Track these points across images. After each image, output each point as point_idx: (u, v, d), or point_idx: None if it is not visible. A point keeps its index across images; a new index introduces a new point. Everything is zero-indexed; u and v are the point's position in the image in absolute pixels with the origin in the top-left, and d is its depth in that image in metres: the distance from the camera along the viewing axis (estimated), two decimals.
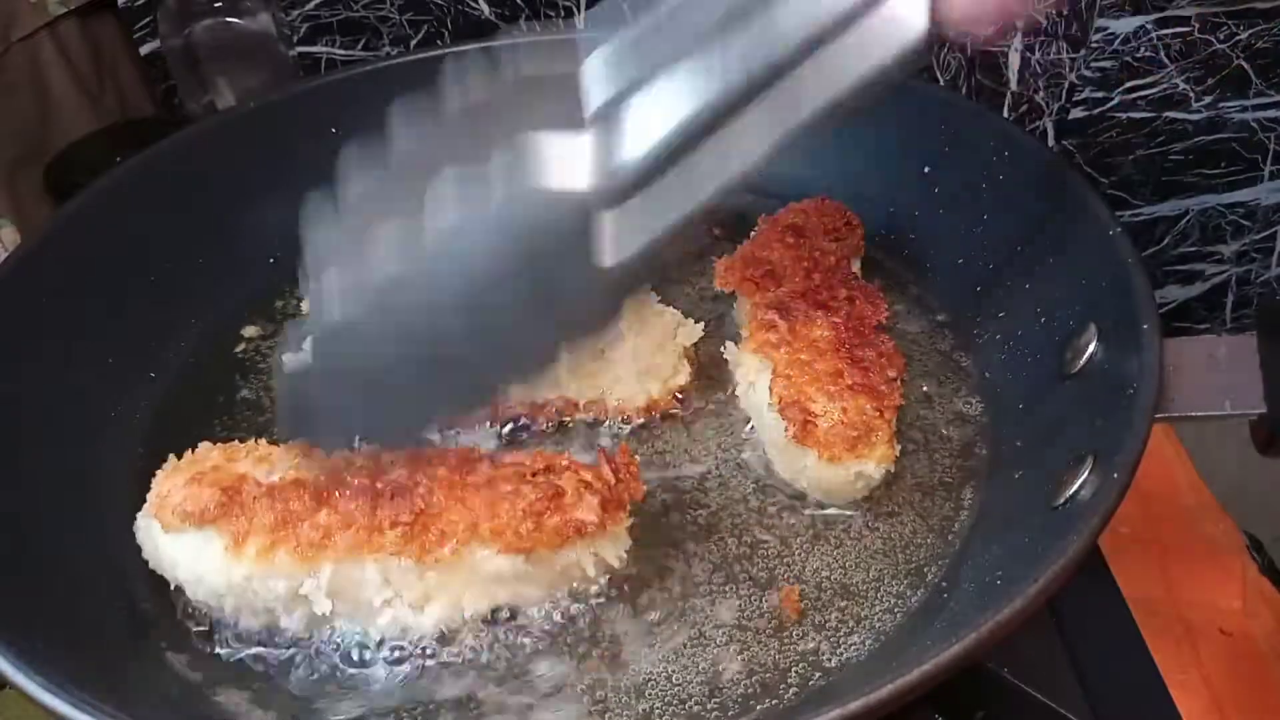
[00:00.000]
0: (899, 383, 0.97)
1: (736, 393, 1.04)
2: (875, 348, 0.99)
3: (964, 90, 1.48)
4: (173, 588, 0.89)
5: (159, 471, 0.90)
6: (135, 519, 0.90)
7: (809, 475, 0.94)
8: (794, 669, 0.84)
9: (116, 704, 0.72)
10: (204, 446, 0.91)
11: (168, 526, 0.85)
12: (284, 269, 1.22)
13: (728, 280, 1.09)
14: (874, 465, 0.92)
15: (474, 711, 0.83)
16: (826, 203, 1.16)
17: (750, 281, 1.07)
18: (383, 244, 0.74)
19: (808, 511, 0.96)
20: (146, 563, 0.90)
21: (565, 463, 0.88)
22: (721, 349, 1.07)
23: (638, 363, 1.03)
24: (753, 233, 1.15)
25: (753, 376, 1.01)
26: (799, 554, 0.92)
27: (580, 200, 0.70)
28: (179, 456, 0.91)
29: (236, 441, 0.94)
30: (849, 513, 0.95)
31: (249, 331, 1.18)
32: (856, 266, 1.12)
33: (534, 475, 0.86)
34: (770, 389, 0.96)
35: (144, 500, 0.90)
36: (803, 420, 0.92)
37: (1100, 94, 1.46)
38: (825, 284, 1.05)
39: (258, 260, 1.22)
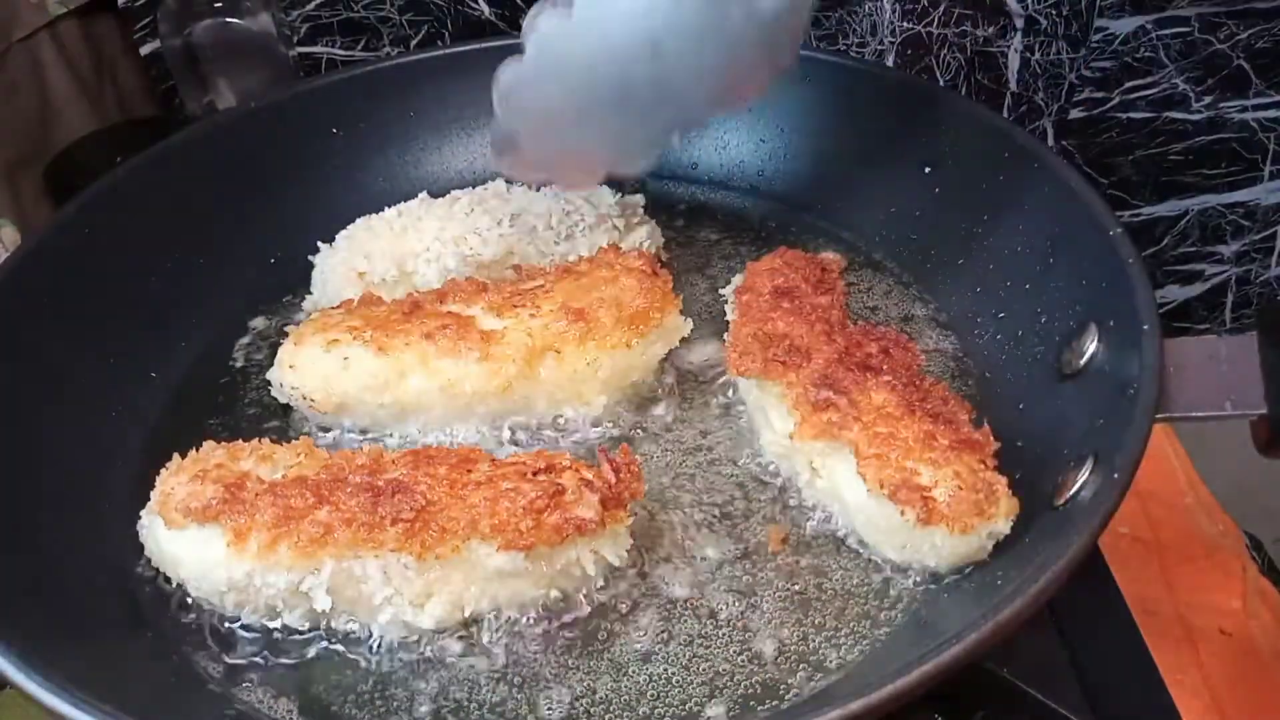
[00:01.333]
0: (980, 423, 0.90)
1: (798, 484, 0.96)
2: (937, 395, 0.92)
3: (964, 90, 1.48)
4: (174, 585, 0.89)
5: (163, 470, 0.90)
6: (137, 518, 0.91)
7: (938, 553, 0.86)
8: (795, 669, 0.84)
9: (117, 704, 0.72)
10: (208, 445, 0.92)
11: (171, 524, 0.85)
12: (285, 268, 1.22)
13: (748, 367, 0.98)
14: (1004, 521, 0.85)
15: (475, 710, 0.83)
16: (789, 255, 1.08)
17: (776, 362, 0.96)
18: None
19: (807, 514, 0.96)
20: (148, 561, 0.90)
21: (566, 462, 0.88)
22: (757, 458, 1.00)
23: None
24: (729, 310, 1.08)
25: (817, 463, 0.93)
26: (799, 553, 0.92)
27: None
28: (183, 455, 0.91)
29: (240, 441, 0.94)
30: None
31: (250, 331, 1.17)
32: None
33: (535, 474, 0.86)
34: (861, 475, 0.87)
35: (146, 499, 0.90)
36: (921, 500, 0.84)
37: (1100, 94, 1.46)
38: (851, 342, 0.97)
39: (258, 260, 1.22)
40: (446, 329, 1.00)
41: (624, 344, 1.02)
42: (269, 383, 1.06)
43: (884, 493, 0.86)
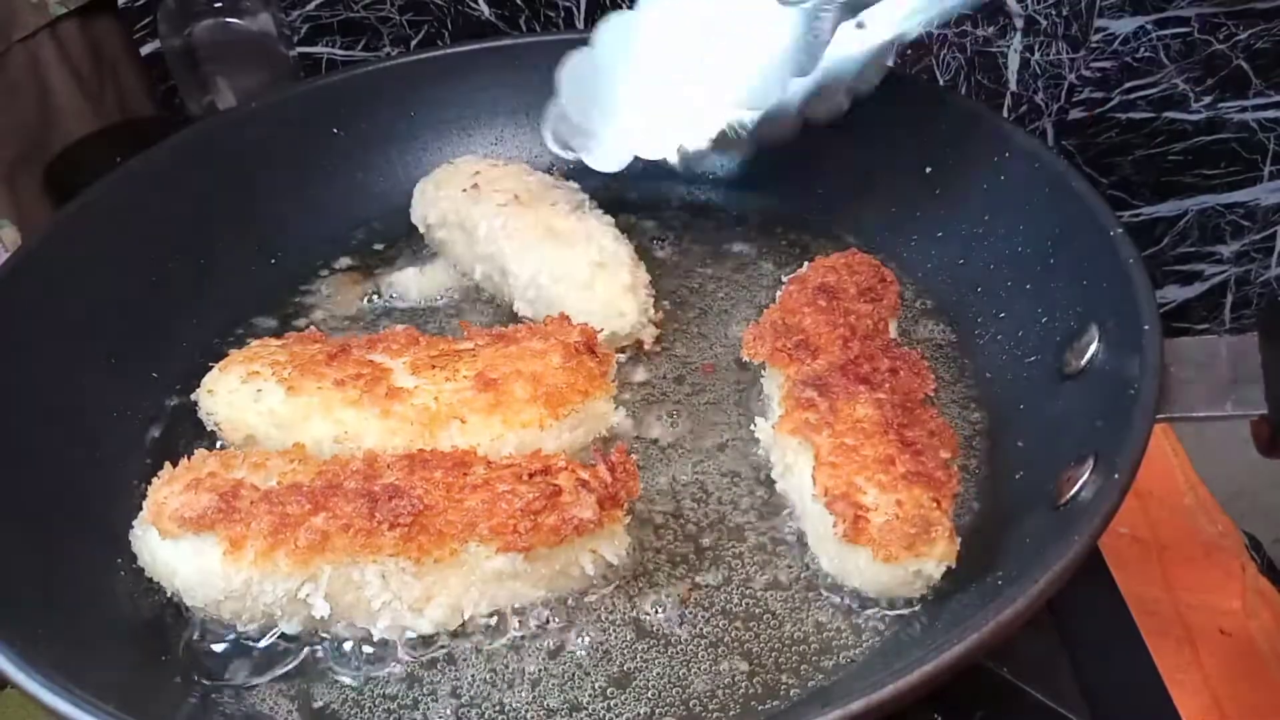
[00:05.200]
0: (954, 465, 0.88)
1: (772, 475, 0.97)
2: (925, 426, 0.90)
3: (964, 90, 1.48)
4: (169, 595, 0.88)
5: (154, 480, 0.89)
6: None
7: (862, 575, 0.85)
8: (794, 670, 0.84)
9: (117, 703, 0.72)
10: (199, 453, 0.91)
11: (165, 533, 0.85)
12: (285, 268, 1.22)
13: (757, 351, 0.99)
14: (934, 564, 0.83)
15: (475, 711, 0.83)
16: (857, 257, 1.07)
17: (782, 353, 0.97)
18: None
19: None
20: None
21: (562, 462, 0.88)
22: (751, 426, 1.01)
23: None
24: (778, 293, 1.06)
25: (790, 458, 0.93)
26: (798, 554, 0.92)
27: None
28: (188, 456, 0.91)
29: (233, 448, 0.94)
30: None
31: (251, 332, 1.17)
32: (894, 329, 1.04)
33: (531, 475, 0.86)
34: (814, 478, 0.87)
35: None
36: (854, 516, 0.83)
37: (1100, 94, 1.46)
38: (865, 354, 0.96)
39: (259, 260, 1.22)
40: (359, 379, 0.95)
41: (535, 423, 0.94)
42: None
43: (824, 500, 0.85)
